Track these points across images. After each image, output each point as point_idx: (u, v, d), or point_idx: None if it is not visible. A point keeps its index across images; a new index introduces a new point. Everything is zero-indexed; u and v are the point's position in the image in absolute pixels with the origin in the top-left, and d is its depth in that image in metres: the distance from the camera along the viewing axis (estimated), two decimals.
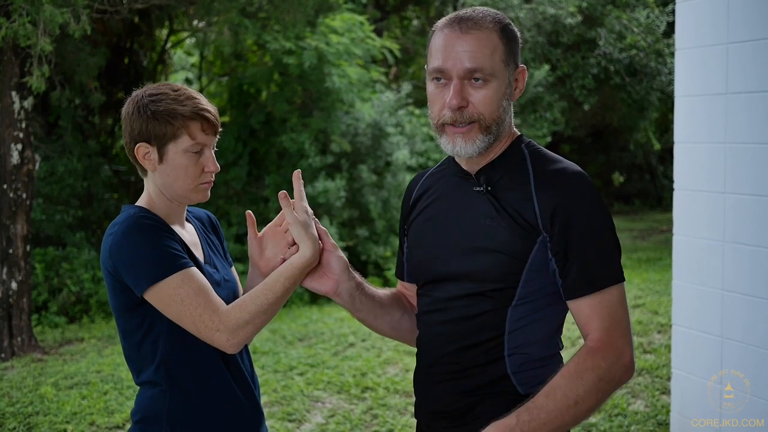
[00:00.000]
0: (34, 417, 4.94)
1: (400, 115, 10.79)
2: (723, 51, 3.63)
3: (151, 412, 1.97)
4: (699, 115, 3.80)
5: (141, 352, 1.97)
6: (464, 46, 1.81)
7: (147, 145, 1.97)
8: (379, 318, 2.08)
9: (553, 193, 1.79)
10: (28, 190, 6.59)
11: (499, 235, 1.81)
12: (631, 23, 11.08)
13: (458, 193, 1.92)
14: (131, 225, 1.90)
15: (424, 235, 1.97)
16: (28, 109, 6.48)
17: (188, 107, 1.96)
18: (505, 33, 1.85)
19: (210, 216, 2.26)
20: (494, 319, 1.83)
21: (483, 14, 1.86)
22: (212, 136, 2.01)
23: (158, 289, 1.87)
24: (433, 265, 1.93)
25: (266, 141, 9.87)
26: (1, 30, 5.59)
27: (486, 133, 1.84)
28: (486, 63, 1.81)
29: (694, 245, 3.82)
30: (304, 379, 5.65)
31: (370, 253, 9.96)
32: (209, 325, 1.86)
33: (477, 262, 1.84)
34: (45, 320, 7.74)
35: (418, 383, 1.98)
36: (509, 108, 1.89)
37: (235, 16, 8.14)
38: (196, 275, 1.90)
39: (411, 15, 14.59)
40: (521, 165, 1.87)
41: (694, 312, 3.85)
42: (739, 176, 3.58)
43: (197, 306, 1.86)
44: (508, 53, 1.85)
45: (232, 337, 1.87)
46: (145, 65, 10.39)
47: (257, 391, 2.10)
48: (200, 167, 2.00)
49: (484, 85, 1.82)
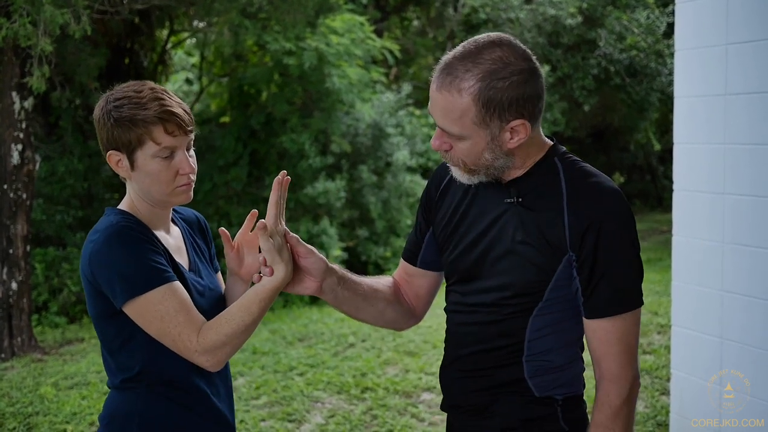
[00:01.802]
0: (34, 417, 4.94)
1: (401, 115, 10.80)
2: (722, 52, 3.63)
3: (121, 412, 1.91)
4: (698, 115, 3.80)
5: (118, 359, 1.90)
6: (437, 103, 1.77)
7: (117, 153, 1.88)
8: (361, 310, 2.07)
9: (586, 213, 1.77)
10: (29, 191, 6.60)
11: (526, 249, 1.81)
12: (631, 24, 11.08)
13: (490, 200, 1.90)
14: (112, 234, 1.83)
15: (453, 233, 1.96)
16: (28, 109, 6.49)
17: (150, 110, 1.84)
18: (484, 93, 1.72)
19: (199, 217, 2.17)
20: (515, 327, 1.86)
21: (468, 68, 1.73)
22: (183, 136, 1.88)
23: (138, 304, 1.80)
24: (460, 266, 1.93)
25: (266, 141, 9.88)
26: (2, 30, 5.59)
27: (474, 174, 1.84)
28: (453, 127, 1.76)
29: (694, 246, 3.83)
30: (303, 380, 5.66)
31: (370, 254, 9.97)
32: (188, 345, 1.81)
33: (502, 274, 1.85)
34: (45, 320, 7.75)
35: (441, 377, 2.04)
36: (501, 155, 1.80)
37: (235, 16, 8.15)
38: (177, 291, 1.83)
39: (411, 15, 14.59)
40: (554, 178, 1.84)
41: (693, 313, 3.85)
42: (739, 177, 3.58)
43: (177, 324, 1.80)
44: (485, 114, 1.73)
45: (211, 357, 1.81)
46: (145, 66, 10.39)
47: (232, 407, 2.06)
48: (174, 170, 1.89)
49: (458, 141, 1.79)
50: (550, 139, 1.91)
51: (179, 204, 1.95)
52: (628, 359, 1.81)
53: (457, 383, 1.96)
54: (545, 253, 1.79)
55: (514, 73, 1.73)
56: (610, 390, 1.81)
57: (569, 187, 1.81)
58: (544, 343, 1.86)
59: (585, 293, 1.80)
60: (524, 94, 1.75)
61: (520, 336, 1.86)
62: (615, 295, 1.78)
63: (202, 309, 1.92)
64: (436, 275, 2.12)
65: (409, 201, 10.59)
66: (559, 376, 1.88)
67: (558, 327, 1.86)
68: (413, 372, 5.80)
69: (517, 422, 1.88)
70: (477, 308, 1.91)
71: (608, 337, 1.79)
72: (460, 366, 1.95)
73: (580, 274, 1.79)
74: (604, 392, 1.81)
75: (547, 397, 1.87)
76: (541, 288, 1.82)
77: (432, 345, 6.53)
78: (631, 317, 1.80)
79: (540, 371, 1.87)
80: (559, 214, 1.79)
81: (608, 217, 1.76)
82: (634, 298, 1.80)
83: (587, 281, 1.78)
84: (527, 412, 1.87)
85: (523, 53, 1.76)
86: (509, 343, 1.87)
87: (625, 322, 1.79)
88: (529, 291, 1.82)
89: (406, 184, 10.38)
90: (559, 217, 1.79)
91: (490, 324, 1.88)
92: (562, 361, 1.88)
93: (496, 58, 1.73)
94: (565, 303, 1.84)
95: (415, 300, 2.15)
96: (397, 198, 10.28)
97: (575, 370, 1.91)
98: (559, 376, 1.88)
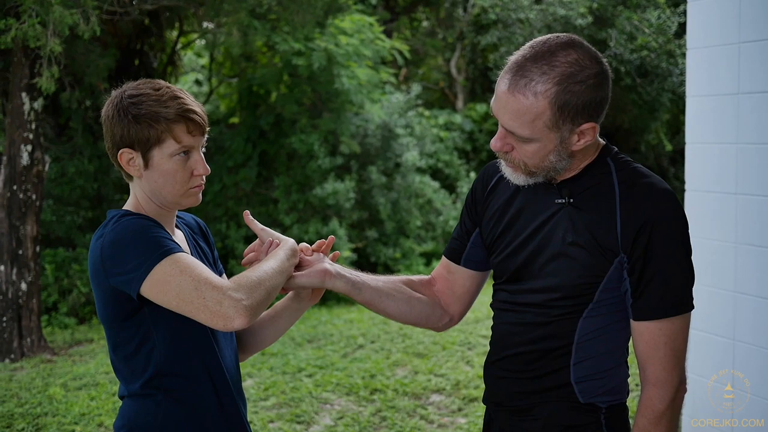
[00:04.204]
0: (42, 418, 4.94)
1: (410, 116, 10.78)
2: (735, 50, 3.59)
3: (140, 424, 1.86)
4: (710, 115, 3.77)
5: (132, 363, 1.86)
6: (507, 105, 1.73)
7: (131, 151, 1.85)
8: (384, 304, 2.05)
9: (639, 214, 1.75)
10: (38, 191, 6.60)
11: (577, 251, 1.80)
12: (642, 24, 11.02)
13: (540, 201, 1.88)
14: (119, 226, 1.79)
15: (502, 234, 1.95)
16: (38, 110, 6.49)
17: (172, 109, 1.82)
18: (561, 97, 1.70)
19: (198, 222, 2.14)
20: (565, 329, 1.85)
21: (543, 71, 1.70)
22: (200, 137, 1.88)
23: (156, 276, 1.72)
24: (510, 267, 1.93)
25: (276, 142, 9.87)
26: (11, 31, 5.60)
27: (532, 176, 1.82)
28: (524, 130, 1.74)
29: (706, 247, 3.79)
30: (312, 381, 5.64)
31: (379, 255, 9.95)
32: (217, 288, 1.68)
33: (552, 275, 1.84)
34: (55, 321, 7.76)
35: (486, 373, 2.02)
36: (565, 156, 1.78)
37: (244, 17, 8.14)
38: (190, 258, 1.78)
39: (421, 16, 14.56)
40: (606, 178, 1.82)
41: (705, 314, 3.82)
42: (751, 177, 3.54)
43: (198, 278, 1.71)
44: (559, 117, 1.71)
45: (246, 295, 1.68)
46: (155, 67, 10.41)
47: (245, 408, 2.03)
48: (189, 171, 1.87)
49: (525, 143, 1.76)
50: (600, 138, 1.88)
51: (189, 206, 1.93)
52: (675, 364, 1.78)
53: (502, 382, 1.95)
54: (596, 255, 1.78)
55: (590, 77, 1.71)
56: (654, 394, 1.79)
57: (622, 188, 1.79)
58: (592, 347, 1.85)
59: (634, 294, 1.78)
60: (597, 97, 1.73)
61: (569, 338, 1.84)
62: (664, 298, 1.75)
63: None
64: (478, 275, 2.10)
65: (419, 202, 10.57)
66: (605, 382, 1.86)
67: (607, 330, 1.84)
68: (422, 374, 5.77)
69: (560, 428, 1.87)
70: (526, 308, 1.90)
71: (655, 341, 1.77)
72: (506, 365, 1.94)
73: (631, 275, 1.77)
74: (648, 396, 1.80)
75: (591, 404, 1.86)
76: (592, 290, 1.80)
77: (441, 347, 6.50)
78: (680, 321, 1.77)
79: (587, 376, 1.86)
80: (611, 216, 1.77)
81: (660, 219, 1.74)
82: (683, 302, 1.77)
83: (637, 283, 1.76)
84: (570, 418, 1.87)
85: (595, 55, 1.74)
86: (558, 345, 1.85)
87: (673, 325, 1.77)
88: (579, 293, 1.81)
89: (416, 185, 10.35)
90: (612, 218, 1.77)
91: (538, 325, 1.87)
92: (608, 366, 1.87)
93: (572, 61, 1.71)
94: (614, 305, 1.82)
95: (451, 298, 2.12)
96: (407, 199, 10.25)
97: (621, 376, 1.90)
98: (605, 382, 1.86)
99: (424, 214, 10.67)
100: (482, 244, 2.04)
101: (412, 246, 10.27)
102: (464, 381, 5.56)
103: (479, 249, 2.05)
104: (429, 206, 10.71)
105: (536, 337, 1.88)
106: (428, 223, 10.68)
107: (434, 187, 10.76)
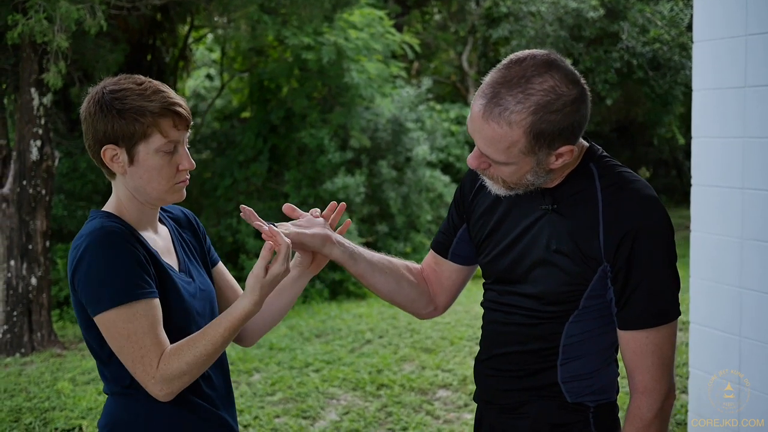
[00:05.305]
0: (50, 412, 4.96)
1: (421, 110, 10.75)
2: (742, 43, 3.55)
3: (122, 419, 1.85)
4: (717, 108, 3.72)
5: (110, 368, 1.84)
6: (482, 131, 1.70)
7: (114, 147, 1.80)
8: (375, 278, 2.05)
9: (621, 222, 1.73)
10: (48, 186, 6.63)
11: (560, 259, 1.79)
12: (654, 16, 10.93)
13: (525, 204, 1.86)
14: (94, 241, 1.75)
15: (489, 236, 1.94)
16: (47, 105, 6.52)
17: (157, 102, 1.77)
18: (536, 126, 1.66)
19: (187, 213, 2.10)
20: (551, 332, 1.84)
21: (518, 99, 1.65)
22: (184, 131, 1.84)
23: (107, 317, 1.72)
24: (496, 269, 1.93)
25: (286, 137, 9.88)
26: (18, 26, 5.62)
27: (512, 190, 1.81)
28: (499, 156, 1.72)
29: (711, 242, 3.75)
30: (319, 376, 5.64)
31: (390, 249, 9.94)
32: (147, 371, 1.73)
33: (537, 282, 1.83)
34: (66, 315, 7.80)
35: (475, 371, 2.03)
36: (543, 174, 1.76)
37: (254, 11, 8.14)
38: (151, 311, 1.74)
39: (432, 10, 14.51)
40: (589, 184, 1.79)
41: (710, 310, 3.78)
42: (757, 171, 3.50)
43: (141, 347, 1.72)
44: (535, 144, 1.68)
45: (166, 387, 1.73)
46: (167, 62, 10.43)
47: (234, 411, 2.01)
48: (174, 166, 1.83)
49: (501, 165, 1.74)
50: (585, 139, 1.85)
51: (173, 202, 1.90)
52: (662, 372, 1.77)
53: (491, 380, 1.96)
54: (579, 263, 1.77)
55: (567, 104, 1.67)
56: (642, 403, 1.78)
57: (604, 195, 1.77)
58: (579, 349, 1.84)
59: (619, 304, 1.76)
60: (575, 122, 1.70)
61: (555, 341, 1.84)
62: (648, 308, 1.74)
63: (195, 311, 1.88)
64: (465, 270, 2.10)
65: (429, 196, 10.54)
66: (593, 382, 1.86)
67: (593, 333, 1.84)
68: (430, 369, 5.76)
69: (548, 426, 1.87)
70: (513, 309, 1.90)
71: (642, 349, 1.76)
72: (495, 364, 1.95)
73: (615, 284, 1.76)
74: (636, 405, 1.79)
75: (579, 404, 1.86)
76: (577, 297, 1.80)
77: (449, 342, 6.49)
78: (666, 329, 1.76)
79: (574, 376, 1.85)
80: (594, 224, 1.76)
81: (643, 228, 1.72)
82: (669, 310, 1.76)
83: (621, 292, 1.75)
84: (558, 417, 1.87)
85: (573, 77, 1.70)
86: (544, 346, 1.85)
87: (659, 334, 1.75)
88: (563, 300, 1.81)
89: (426, 180, 10.33)
90: (594, 226, 1.75)
91: (526, 326, 1.87)
92: (596, 367, 1.86)
93: (548, 89, 1.66)
94: (601, 310, 1.82)
95: (438, 289, 2.13)
96: (417, 193, 10.24)
97: (609, 375, 1.89)
98: (593, 382, 1.86)
99: (434, 209, 10.65)
100: (469, 240, 2.03)
101: (423, 240, 10.25)
102: (471, 377, 5.54)
103: (466, 244, 2.04)
104: (439, 200, 10.68)
105: (523, 337, 1.88)
106: (438, 217, 10.66)
107: (445, 181, 10.73)
